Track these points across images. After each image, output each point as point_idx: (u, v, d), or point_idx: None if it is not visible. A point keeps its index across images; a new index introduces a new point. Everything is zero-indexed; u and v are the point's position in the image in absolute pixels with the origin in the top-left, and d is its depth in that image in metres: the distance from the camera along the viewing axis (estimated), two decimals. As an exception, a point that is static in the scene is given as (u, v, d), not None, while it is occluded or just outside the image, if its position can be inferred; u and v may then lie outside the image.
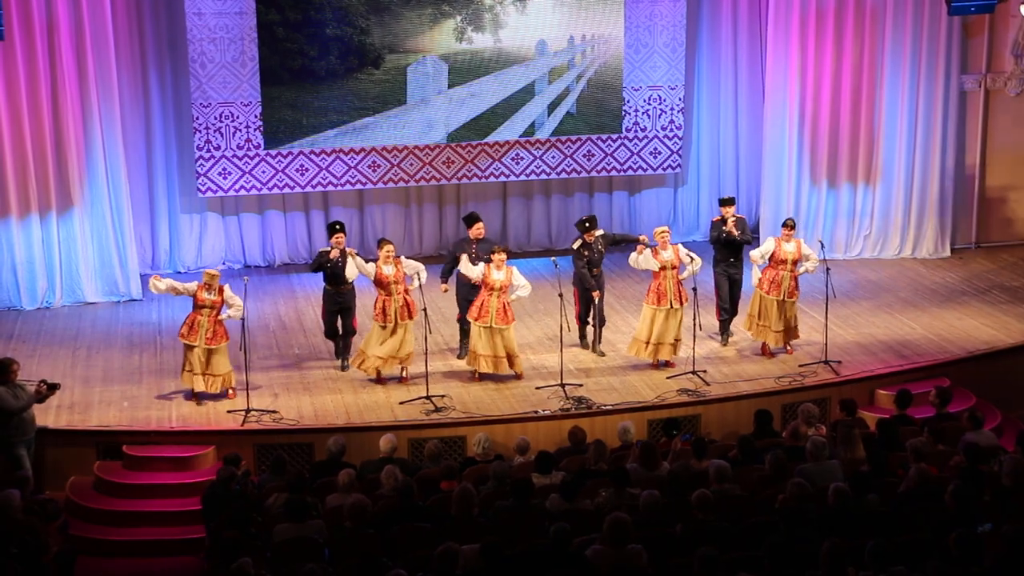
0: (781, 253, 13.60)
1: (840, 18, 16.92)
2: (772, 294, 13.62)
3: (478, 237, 13.58)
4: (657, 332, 13.28)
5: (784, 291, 13.56)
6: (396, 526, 9.21)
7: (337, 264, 13.20)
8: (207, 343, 12.57)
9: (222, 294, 12.65)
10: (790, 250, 13.60)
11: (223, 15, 15.99)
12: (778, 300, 13.59)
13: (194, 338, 12.56)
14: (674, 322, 13.30)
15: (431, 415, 12.43)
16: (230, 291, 12.72)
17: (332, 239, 13.32)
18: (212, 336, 12.58)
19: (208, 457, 11.98)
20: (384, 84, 16.58)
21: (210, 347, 12.59)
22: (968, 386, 13.41)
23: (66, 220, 15.57)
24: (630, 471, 10.00)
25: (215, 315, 12.60)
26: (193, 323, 12.61)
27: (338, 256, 13.19)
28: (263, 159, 16.56)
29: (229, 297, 12.68)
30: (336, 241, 13.27)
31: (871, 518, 8.92)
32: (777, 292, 13.59)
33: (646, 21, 17.25)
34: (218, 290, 12.64)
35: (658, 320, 13.26)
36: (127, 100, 16.02)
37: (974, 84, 17.57)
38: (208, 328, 12.57)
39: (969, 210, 17.92)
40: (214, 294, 12.61)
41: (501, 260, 12.99)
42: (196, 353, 12.58)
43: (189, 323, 12.65)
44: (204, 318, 12.58)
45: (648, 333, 13.32)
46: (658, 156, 17.76)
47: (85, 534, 11.29)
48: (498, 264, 12.99)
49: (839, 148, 17.33)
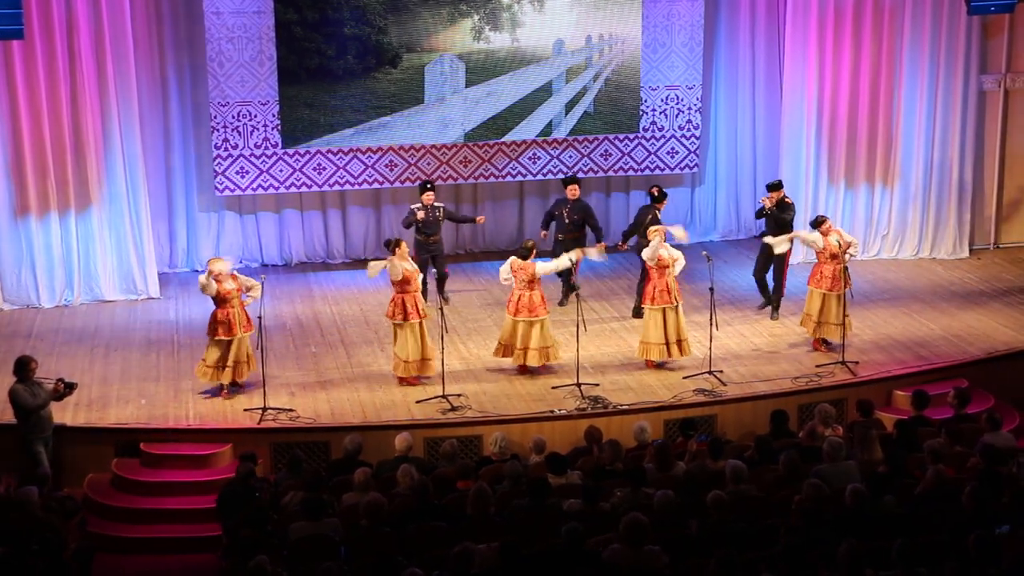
0: (831, 247, 13.64)
1: (858, 18, 16.87)
2: (835, 290, 13.59)
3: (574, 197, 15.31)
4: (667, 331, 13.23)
5: (843, 284, 13.55)
6: (412, 525, 9.22)
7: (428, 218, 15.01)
8: (244, 330, 12.66)
9: (236, 280, 12.74)
10: (834, 242, 13.65)
11: (241, 14, 16.03)
12: (838, 295, 13.57)
13: (235, 330, 12.60)
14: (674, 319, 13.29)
15: (447, 414, 12.44)
16: (241, 275, 12.88)
17: (422, 196, 15.05)
18: (247, 323, 12.71)
19: (225, 455, 12.01)
20: (401, 83, 16.60)
21: (246, 333, 12.70)
22: (987, 387, 13.35)
23: (84, 218, 15.64)
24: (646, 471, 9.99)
25: (240, 303, 12.70)
26: (228, 318, 12.62)
27: (426, 215, 14.99)
28: (280, 158, 16.60)
29: (244, 280, 12.82)
30: (426, 199, 15.02)
31: (888, 520, 8.89)
32: (839, 287, 13.56)
33: (664, 20, 17.23)
34: (231, 276, 12.73)
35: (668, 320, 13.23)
36: (145, 99, 16.08)
37: (993, 84, 17.49)
38: (242, 315, 12.68)
39: (988, 210, 17.85)
40: (233, 282, 12.70)
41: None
42: (235, 344, 12.63)
43: (223, 320, 12.61)
44: (236, 308, 12.65)
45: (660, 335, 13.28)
46: (675, 156, 17.74)
47: (103, 531, 11.33)
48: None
49: (857, 148, 17.28)
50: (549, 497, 9.55)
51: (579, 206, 15.37)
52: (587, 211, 15.47)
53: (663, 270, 13.18)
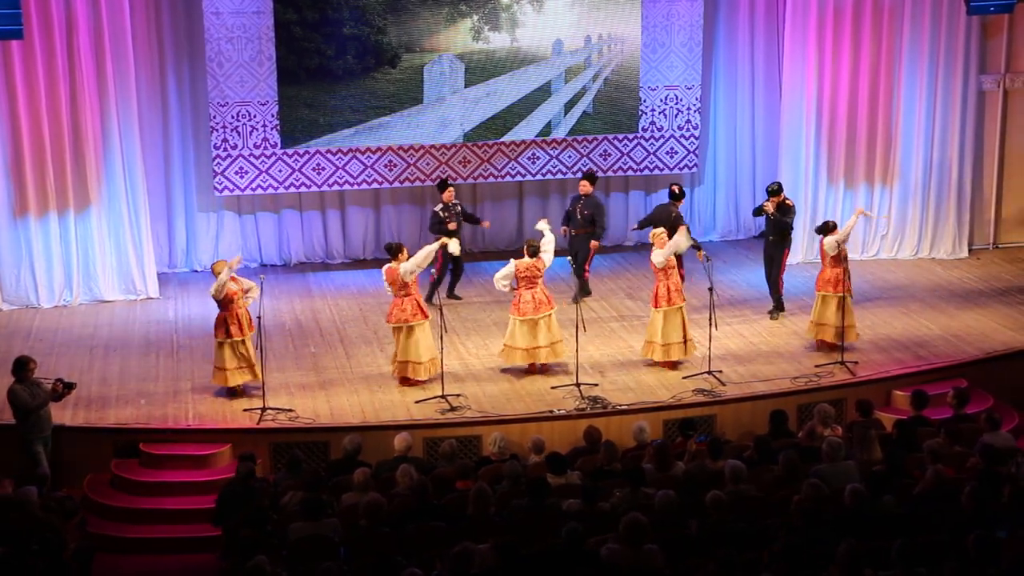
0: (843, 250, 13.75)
1: (858, 18, 16.87)
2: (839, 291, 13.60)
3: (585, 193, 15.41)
4: (666, 332, 13.24)
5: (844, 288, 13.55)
6: (411, 525, 9.22)
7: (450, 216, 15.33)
8: (250, 330, 12.67)
9: (237, 282, 12.74)
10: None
11: (241, 14, 16.03)
12: (839, 297, 13.58)
13: (244, 331, 12.59)
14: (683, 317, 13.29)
15: (446, 414, 12.44)
16: (240, 277, 12.85)
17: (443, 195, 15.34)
18: (250, 323, 12.70)
19: (224, 455, 12.01)
20: (400, 83, 16.60)
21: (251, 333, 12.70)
22: (986, 387, 13.35)
23: (84, 218, 15.64)
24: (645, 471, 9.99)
25: (244, 303, 12.72)
26: (237, 318, 12.62)
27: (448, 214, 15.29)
28: (280, 158, 16.60)
29: (243, 283, 12.80)
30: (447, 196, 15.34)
31: (887, 520, 8.90)
32: (841, 289, 13.58)
33: (663, 21, 17.23)
34: (232, 279, 12.72)
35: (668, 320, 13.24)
36: (145, 99, 16.09)
37: (993, 84, 17.50)
38: (247, 316, 12.68)
39: (987, 210, 17.85)
40: (235, 284, 12.71)
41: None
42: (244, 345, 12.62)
43: (232, 320, 12.58)
44: (242, 308, 12.66)
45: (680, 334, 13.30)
46: (674, 156, 17.74)
47: (102, 531, 11.33)
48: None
49: (856, 148, 17.28)
50: (548, 497, 9.56)
51: (590, 202, 15.46)
52: (597, 208, 15.53)
53: (670, 270, 13.17)
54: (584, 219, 15.36)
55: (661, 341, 13.25)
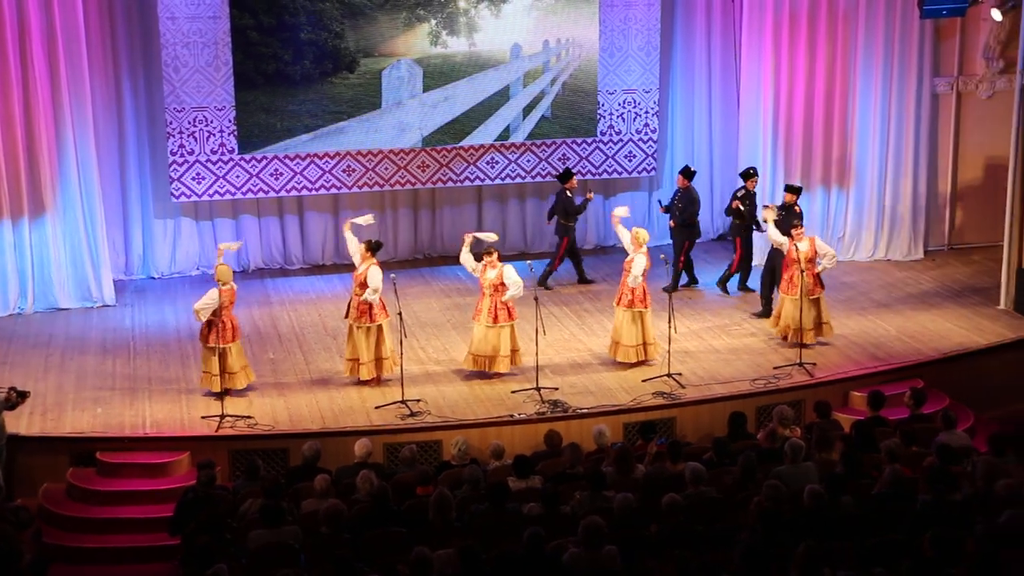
0: (794, 253, 13.72)
1: (813, 21, 17.00)
2: (790, 293, 13.72)
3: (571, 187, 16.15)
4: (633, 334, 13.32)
5: (801, 290, 13.59)
6: (371, 531, 9.19)
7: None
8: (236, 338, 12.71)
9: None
10: (803, 249, 13.72)
11: (197, 19, 15.92)
12: (793, 299, 13.66)
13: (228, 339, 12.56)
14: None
15: (406, 419, 12.40)
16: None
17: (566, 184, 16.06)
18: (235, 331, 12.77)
19: (182, 463, 11.92)
20: (358, 88, 16.55)
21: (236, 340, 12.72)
22: (942, 387, 13.48)
23: (38, 226, 15.46)
24: (606, 474, 10.00)
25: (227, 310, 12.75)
26: (230, 323, 12.62)
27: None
28: (237, 164, 16.50)
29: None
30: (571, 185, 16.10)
31: (846, 520, 8.95)
32: (795, 291, 13.65)
33: (620, 25, 17.29)
34: None
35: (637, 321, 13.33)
36: (100, 104, 15.94)
37: (946, 87, 17.68)
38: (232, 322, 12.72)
39: (942, 212, 18.03)
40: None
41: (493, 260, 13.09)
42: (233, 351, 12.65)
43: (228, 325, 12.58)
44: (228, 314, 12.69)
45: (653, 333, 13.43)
46: (633, 159, 17.79)
47: (59, 542, 11.22)
48: (492, 264, 13.06)
49: (813, 151, 17.40)
50: (509, 501, 9.55)
51: (685, 196, 16.03)
52: (689, 202, 16.05)
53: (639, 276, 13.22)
54: (680, 212, 15.89)
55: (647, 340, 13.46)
